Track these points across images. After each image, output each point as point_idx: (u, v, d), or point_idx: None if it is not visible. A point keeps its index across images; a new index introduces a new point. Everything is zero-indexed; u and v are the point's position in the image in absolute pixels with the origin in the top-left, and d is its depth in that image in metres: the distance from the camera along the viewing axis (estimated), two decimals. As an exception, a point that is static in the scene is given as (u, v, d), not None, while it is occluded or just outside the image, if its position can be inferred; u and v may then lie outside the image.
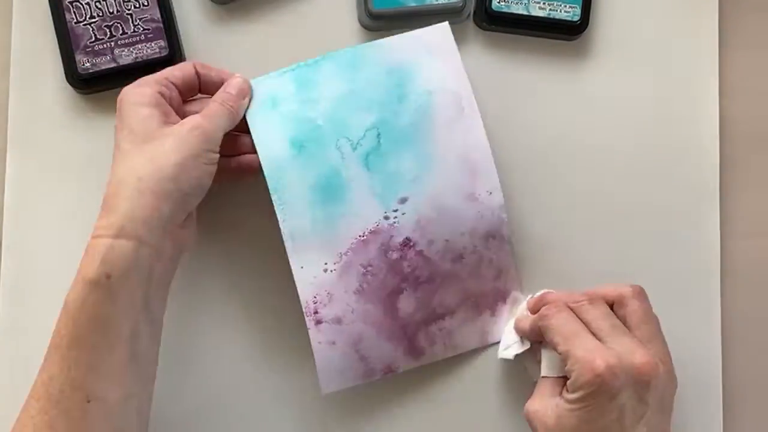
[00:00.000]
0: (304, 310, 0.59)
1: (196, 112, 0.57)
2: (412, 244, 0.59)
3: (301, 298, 0.59)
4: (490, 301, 0.61)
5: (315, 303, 0.59)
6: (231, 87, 0.58)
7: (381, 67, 0.60)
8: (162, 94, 0.56)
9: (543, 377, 0.57)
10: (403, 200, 0.59)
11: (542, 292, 0.60)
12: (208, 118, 0.56)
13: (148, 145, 0.54)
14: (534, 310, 0.59)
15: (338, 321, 0.59)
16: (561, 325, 0.54)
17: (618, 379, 0.51)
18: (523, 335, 0.59)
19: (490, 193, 0.60)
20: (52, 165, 0.62)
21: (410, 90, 0.60)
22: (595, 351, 0.52)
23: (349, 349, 0.59)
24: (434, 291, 0.60)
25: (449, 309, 0.61)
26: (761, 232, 0.65)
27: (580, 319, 0.55)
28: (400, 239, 0.59)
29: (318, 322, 0.59)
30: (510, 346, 0.60)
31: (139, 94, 0.55)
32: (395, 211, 0.59)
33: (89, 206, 0.62)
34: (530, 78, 0.64)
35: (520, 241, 0.63)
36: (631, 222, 0.63)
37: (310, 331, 0.59)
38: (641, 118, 0.64)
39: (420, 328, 0.60)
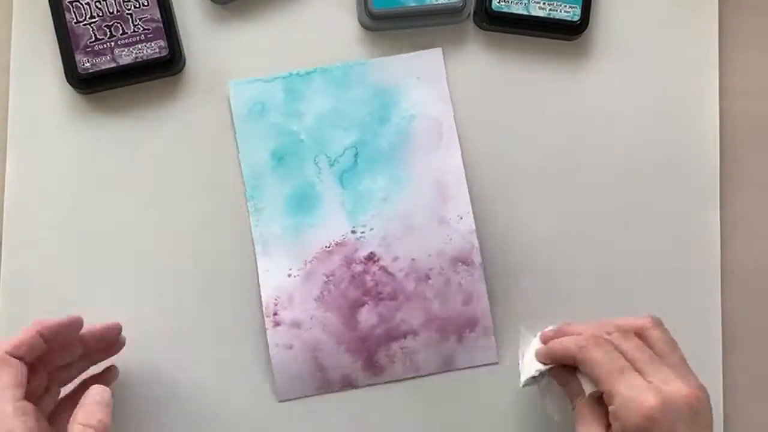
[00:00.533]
0: (264, 311, 0.61)
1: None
2: (376, 258, 0.61)
3: (262, 299, 0.61)
4: (457, 326, 0.61)
5: (275, 305, 0.61)
6: (94, 399, 0.50)
7: (369, 88, 0.63)
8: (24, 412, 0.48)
9: (582, 402, 0.53)
10: (372, 217, 0.61)
11: (560, 323, 0.56)
12: None
13: None
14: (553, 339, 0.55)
15: (297, 325, 0.61)
16: (603, 360, 0.51)
17: (670, 416, 0.48)
18: (547, 362, 0.55)
19: (461, 218, 0.61)
20: (52, 165, 0.62)
21: (393, 113, 0.62)
22: (641, 389, 0.49)
23: (307, 356, 0.61)
24: (397, 308, 0.61)
25: (412, 328, 0.61)
26: (761, 232, 0.65)
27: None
28: (364, 253, 0.61)
29: (276, 324, 0.61)
30: (531, 371, 0.55)
31: None
32: (363, 226, 0.61)
33: (89, 206, 0.62)
34: (530, 78, 0.64)
35: (517, 239, 0.63)
36: (631, 222, 0.63)
37: (268, 332, 0.61)
38: (641, 118, 0.64)
39: (381, 343, 0.61)
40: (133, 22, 0.61)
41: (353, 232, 0.62)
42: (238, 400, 0.62)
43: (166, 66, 0.61)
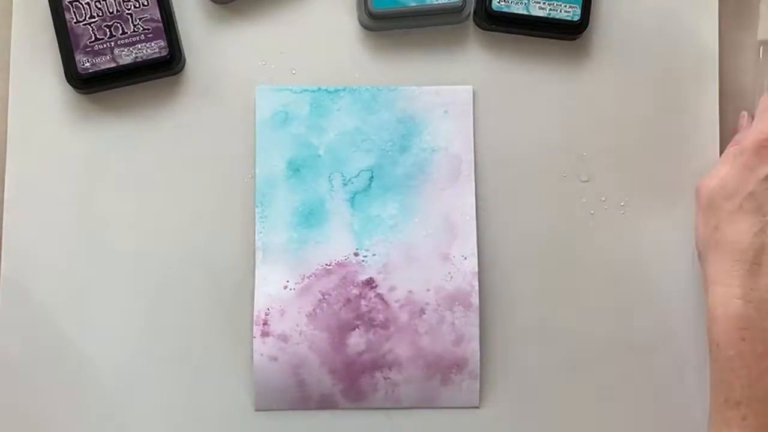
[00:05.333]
0: (254, 319, 0.60)
1: None
2: (374, 284, 0.61)
3: (255, 307, 0.61)
4: (444, 365, 0.61)
5: (266, 315, 0.60)
6: None
7: (395, 114, 0.62)
8: None
9: None
10: (378, 242, 0.61)
11: None
12: None
13: None
14: None
15: (284, 338, 0.60)
16: None
17: None
18: None
19: (465, 258, 0.61)
20: (52, 165, 0.62)
21: (415, 143, 0.62)
22: None
23: (289, 370, 0.60)
24: (387, 338, 0.61)
25: (398, 360, 0.61)
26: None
27: None
28: (363, 277, 0.61)
29: (265, 334, 0.60)
30: None
31: None
32: (367, 250, 0.61)
33: (89, 205, 0.62)
34: (530, 78, 0.64)
35: (516, 235, 0.63)
36: (630, 221, 0.63)
37: (254, 341, 0.60)
38: (641, 118, 0.64)
39: (365, 370, 0.61)
40: (133, 22, 0.61)
41: (356, 254, 0.61)
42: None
43: (166, 66, 0.61)
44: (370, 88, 0.63)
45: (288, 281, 0.61)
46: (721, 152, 0.64)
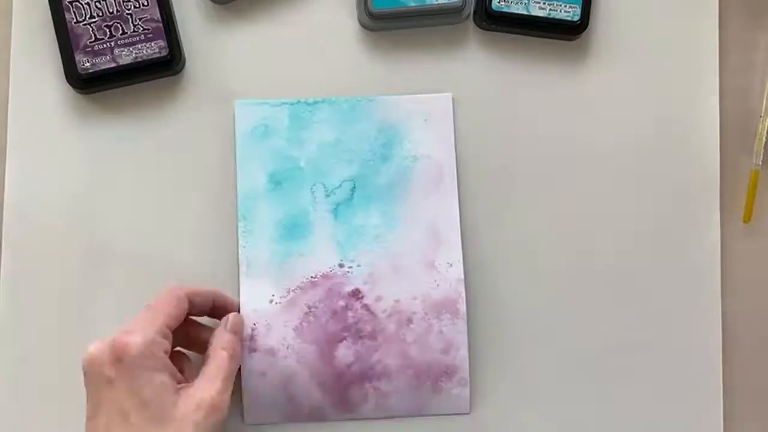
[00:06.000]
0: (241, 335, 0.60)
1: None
2: (360, 295, 0.61)
3: None
4: (434, 374, 0.61)
5: (253, 330, 0.60)
6: (233, 327, 0.58)
7: (374, 124, 0.62)
8: (166, 351, 0.53)
9: None
10: (362, 253, 0.61)
11: None
12: (224, 392, 0.53)
13: (163, 428, 0.51)
14: None
15: (272, 353, 0.60)
16: None
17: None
18: None
19: (451, 265, 0.61)
20: (52, 165, 0.62)
21: (396, 152, 0.62)
22: None
23: (279, 385, 0.60)
24: (375, 348, 0.60)
25: (388, 370, 0.61)
26: (761, 232, 0.65)
27: None
28: (349, 288, 0.61)
29: (252, 350, 0.60)
30: None
31: (151, 356, 0.52)
32: (352, 261, 0.61)
33: (88, 205, 0.62)
34: (530, 78, 0.64)
35: (515, 235, 0.63)
36: (631, 222, 0.63)
37: (243, 357, 0.59)
38: (641, 118, 0.64)
39: (354, 381, 0.60)
40: (133, 22, 0.61)
41: (341, 265, 0.61)
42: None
43: (166, 66, 0.61)
44: (349, 98, 0.63)
45: (273, 295, 0.61)
46: (721, 152, 0.64)
